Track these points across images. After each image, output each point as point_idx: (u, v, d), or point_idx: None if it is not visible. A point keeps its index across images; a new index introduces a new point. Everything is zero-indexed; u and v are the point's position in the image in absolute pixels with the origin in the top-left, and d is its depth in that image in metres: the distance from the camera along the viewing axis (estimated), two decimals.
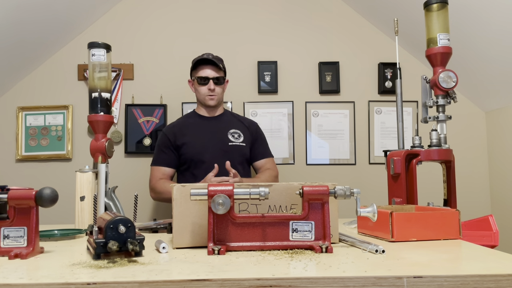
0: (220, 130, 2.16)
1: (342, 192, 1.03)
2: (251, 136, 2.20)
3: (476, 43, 2.25)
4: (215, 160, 1.98)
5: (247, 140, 2.18)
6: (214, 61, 2.09)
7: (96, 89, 1.61)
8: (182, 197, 1.09)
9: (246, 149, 2.16)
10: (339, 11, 2.77)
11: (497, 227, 1.33)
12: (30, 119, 2.65)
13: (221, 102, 2.21)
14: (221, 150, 2.09)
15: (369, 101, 2.71)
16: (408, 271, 0.79)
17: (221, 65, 2.12)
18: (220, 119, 2.21)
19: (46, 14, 2.35)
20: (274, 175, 2.18)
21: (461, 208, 1.37)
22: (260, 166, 2.21)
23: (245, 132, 2.19)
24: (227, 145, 2.12)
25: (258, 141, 2.23)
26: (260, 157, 2.21)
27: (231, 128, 2.17)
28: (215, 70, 2.10)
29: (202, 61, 2.11)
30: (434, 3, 1.52)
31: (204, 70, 2.10)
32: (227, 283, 0.76)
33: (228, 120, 2.22)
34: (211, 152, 2.07)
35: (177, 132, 2.15)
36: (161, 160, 2.14)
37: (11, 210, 1.04)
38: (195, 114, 2.24)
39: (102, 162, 1.56)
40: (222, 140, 2.13)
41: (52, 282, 0.75)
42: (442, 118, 1.50)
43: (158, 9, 2.74)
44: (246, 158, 2.17)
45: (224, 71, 2.16)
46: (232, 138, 2.14)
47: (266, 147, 2.26)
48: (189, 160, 2.11)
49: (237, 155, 2.12)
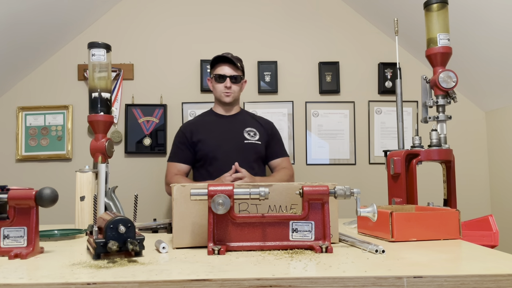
0: (236, 128, 2.18)
1: (342, 192, 1.03)
2: (266, 135, 2.22)
3: (476, 43, 2.25)
4: (230, 157, 2.02)
5: (263, 138, 2.19)
6: (231, 60, 2.12)
7: (96, 89, 1.61)
8: (182, 197, 1.09)
9: (261, 147, 2.17)
10: (339, 11, 2.76)
11: (497, 227, 1.33)
12: (30, 119, 2.64)
13: (237, 100, 2.23)
14: (236, 148, 2.11)
15: (369, 101, 2.71)
16: (408, 271, 0.79)
17: (239, 64, 2.16)
18: (236, 118, 2.23)
19: (46, 14, 2.35)
20: (290, 174, 2.19)
21: (461, 208, 1.37)
22: (275, 165, 2.23)
23: (260, 130, 2.21)
24: (242, 143, 2.14)
25: (274, 140, 2.25)
26: (276, 156, 2.23)
27: (247, 127, 2.19)
28: (233, 68, 2.14)
29: (220, 59, 2.14)
30: (434, 3, 1.52)
31: (222, 68, 2.14)
32: (227, 283, 0.76)
33: (244, 118, 2.24)
34: (226, 150, 2.09)
35: (194, 129, 2.17)
36: (177, 156, 2.17)
37: (11, 210, 1.04)
38: (212, 113, 2.27)
39: (102, 162, 1.56)
40: (237, 138, 2.15)
41: (52, 282, 0.75)
42: (442, 118, 1.50)
43: (158, 9, 2.73)
44: (261, 156, 2.18)
45: (242, 70, 2.19)
46: (247, 136, 2.16)
47: (282, 147, 2.28)
48: (204, 157, 2.13)
49: (252, 153, 2.13)
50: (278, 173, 2.17)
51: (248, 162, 2.08)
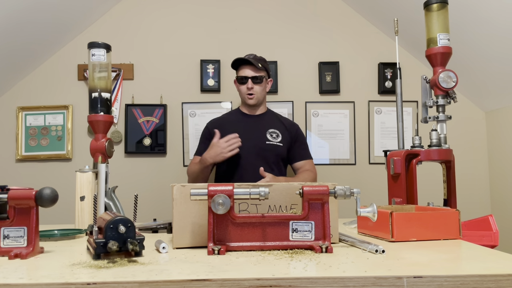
0: (259, 128, 2.19)
1: (342, 192, 1.03)
2: (290, 137, 2.23)
3: (476, 43, 2.25)
4: (250, 156, 2.04)
5: (285, 140, 2.20)
6: (250, 61, 2.13)
7: (96, 89, 1.61)
8: (182, 197, 1.09)
9: (283, 149, 2.18)
10: (339, 11, 2.76)
11: (497, 227, 1.33)
12: (30, 119, 2.64)
13: (261, 101, 2.24)
14: (257, 148, 2.12)
15: (369, 101, 2.71)
16: (408, 271, 0.79)
17: (260, 64, 2.17)
18: (261, 118, 2.25)
19: (46, 14, 2.35)
20: (313, 176, 2.20)
21: (461, 208, 1.37)
22: (299, 167, 2.23)
23: (284, 132, 2.21)
24: (264, 143, 2.15)
25: (298, 142, 2.25)
26: (300, 159, 2.23)
27: (270, 128, 2.20)
28: (254, 69, 2.15)
29: (241, 61, 2.17)
30: (434, 3, 1.52)
31: (243, 70, 2.17)
32: (227, 283, 0.76)
33: (268, 119, 2.26)
34: (247, 149, 2.09)
35: (218, 127, 2.18)
36: (200, 151, 2.19)
37: (11, 210, 1.04)
38: (238, 111, 2.30)
39: (102, 162, 1.56)
40: (259, 138, 2.16)
41: (52, 282, 0.75)
42: (442, 118, 1.50)
43: (158, 9, 2.74)
44: (282, 158, 2.19)
45: (266, 70, 2.21)
46: (270, 137, 2.17)
47: (306, 149, 2.28)
48: None
49: (273, 154, 2.15)
50: (301, 174, 2.19)
51: (267, 163, 2.09)
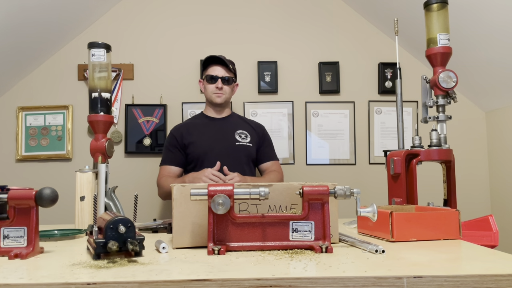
0: (227, 130, 2.18)
1: (342, 192, 1.03)
2: (258, 138, 2.22)
3: (476, 43, 2.25)
4: (221, 159, 2.01)
5: (254, 141, 2.19)
6: (224, 61, 2.12)
7: (96, 89, 1.61)
8: (182, 197, 1.09)
9: (252, 150, 2.18)
10: (339, 11, 2.76)
11: (497, 227, 1.33)
12: (30, 119, 2.64)
13: (228, 102, 2.23)
14: (228, 150, 2.11)
15: (369, 101, 2.71)
16: (408, 271, 0.79)
17: (231, 66, 2.16)
18: (227, 120, 2.23)
19: (46, 14, 2.35)
20: (280, 177, 2.19)
21: (461, 208, 1.37)
22: (266, 168, 2.23)
23: (252, 133, 2.21)
24: (233, 145, 2.14)
25: (265, 143, 2.25)
26: (266, 160, 2.23)
27: (238, 129, 2.19)
28: (225, 70, 2.14)
29: (213, 60, 2.14)
30: (434, 3, 1.52)
31: (214, 69, 2.14)
32: (227, 283, 0.76)
33: (235, 121, 2.24)
34: (217, 152, 2.09)
35: (184, 132, 2.17)
36: (168, 159, 2.17)
37: (11, 210, 1.04)
38: (202, 115, 2.27)
39: (102, 162, 1.56)
40: (228, 140, 2.14)
41: (52, 282, 0.75)
42: (442, 118, 1.50)
43: (158, 9, 2.73)
44: (252, 159, 2.18)
45: (235, 73, 2.19)
46: (239, 138, 2.16)
47: (273, 150, 2.28)
48: (195, 159, 2.12)
49: (243, 155, 2.14)
50: (268, 175, 2.18)
51: (240, 164, 2.08)
